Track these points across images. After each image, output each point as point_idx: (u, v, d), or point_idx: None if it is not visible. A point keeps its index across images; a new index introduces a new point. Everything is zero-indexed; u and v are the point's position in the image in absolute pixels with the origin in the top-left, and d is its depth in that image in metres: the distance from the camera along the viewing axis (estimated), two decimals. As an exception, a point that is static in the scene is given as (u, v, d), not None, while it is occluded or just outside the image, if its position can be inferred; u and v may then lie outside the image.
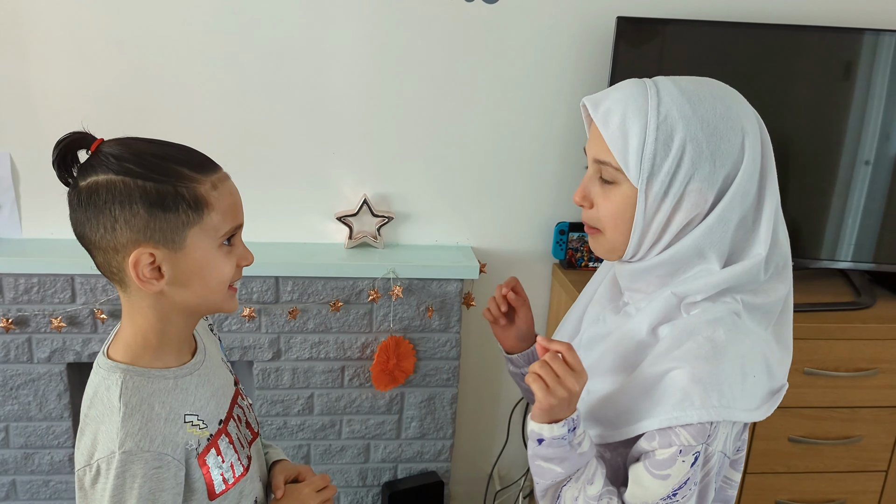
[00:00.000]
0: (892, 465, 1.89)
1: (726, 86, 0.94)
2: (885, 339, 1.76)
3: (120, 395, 0.87)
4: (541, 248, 2.09)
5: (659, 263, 0.93)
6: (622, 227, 0.93)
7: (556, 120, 1.98)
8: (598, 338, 1.02)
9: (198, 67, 1.82)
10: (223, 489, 0.96)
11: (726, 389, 0.87)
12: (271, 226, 1.98)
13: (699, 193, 0.89)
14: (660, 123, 0.88)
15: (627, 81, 0.95)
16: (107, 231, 0.85)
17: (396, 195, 2.00)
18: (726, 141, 0.89)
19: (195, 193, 0.86)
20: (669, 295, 0.93)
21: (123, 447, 0.85)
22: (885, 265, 1.89)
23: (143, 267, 0.86)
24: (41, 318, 1.84)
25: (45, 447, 1.96)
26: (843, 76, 1.77)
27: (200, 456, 0.92)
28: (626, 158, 0.90)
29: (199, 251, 0.88)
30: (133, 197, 0.83)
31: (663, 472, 0.88)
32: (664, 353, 0.90)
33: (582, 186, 0.99)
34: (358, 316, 1.96)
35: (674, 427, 0.87)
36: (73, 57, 1.78)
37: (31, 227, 1.90)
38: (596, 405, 0.95)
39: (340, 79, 1.88)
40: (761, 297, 0.94)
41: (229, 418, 1.00)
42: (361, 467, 2.11)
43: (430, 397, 2.07)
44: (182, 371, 0.94)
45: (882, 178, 1.82)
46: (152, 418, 0.88)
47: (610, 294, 1.06)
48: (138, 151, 0.86)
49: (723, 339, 0.89)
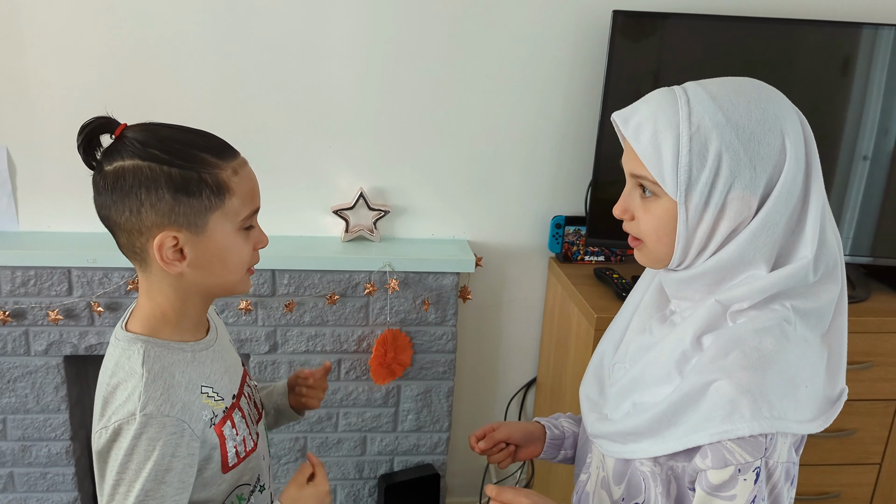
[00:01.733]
0: (886, 458, 1.89)
1: (763, 84, 0.91)
2: (880, 332, 1.76)
3: (143, 362, 0.90)
4: (537, 241, 2.10)
5: (704, 272, 0.91)
6: (665, 238, 0.91)
7: (553, 113, 1.98)
8: (644, 348, 0.99)
9: (194, 61, 1.82)
10: (235, 462, 0.99)
11: (776, 400, 0.84)
12: (268, 219, 1.95)
13: (742, 200, 0.87)
14: (692, 134, 0.86)
15: (656, 92, 0.92)
16: (132, 214, 0.88)
17: (393, 189, 2.00)
18: (765, 145, 0.86)
19: (218, 179, 0.89)
20: (713, 303, 0.90)
21: (145, 409, 0.87)
22: (882, 259, 1.89)
23: (167, 249, 0.89)
24: (38, 311, 1.84)
25: (43, 440, 1.96)
26: (842, 71, 1.77)
27: (217, 426, 0.95)
28: (662, 172, 0.87)
29: (220, 235, 0.91)
30: (159, 182, 0.86)
31: (727, 493, 0.85)
32: (709, 363, 0.87)
33: (622, 199, 0.96)
34: (354, 309, 1.96)
35: (724, 442, 0.84)
36: (70, 50, 1.78)
37: (28, 219, 1.90)
38: (641, 418, 0.92)
39: (336, 72, 1.88)
40: (812, 300, 0.91)
41: (241, 394, 1.03)
42: (358, 460, 2.12)
43: (426, 390, 2.07)
44: (199, 346, 0.97)
45: (880, 172, 1.82)
46: (173, 385, 0.91)
47: (656, 303, 1.04)
48: (163, 137, 0.89)
49: (770, 349, 0.86)
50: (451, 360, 2.06)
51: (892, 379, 1.81)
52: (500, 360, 2.22)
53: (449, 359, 2.05)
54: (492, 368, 2.22)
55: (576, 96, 1.97)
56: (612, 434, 0.97)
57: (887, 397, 1.83)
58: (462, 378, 2.20)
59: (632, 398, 0.96)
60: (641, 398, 0.95)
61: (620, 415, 0.98)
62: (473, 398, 2.24)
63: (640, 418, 0.92)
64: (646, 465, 0.94)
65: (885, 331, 1.77)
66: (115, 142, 0.89)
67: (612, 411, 1.00)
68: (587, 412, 1.05)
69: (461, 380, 2.19)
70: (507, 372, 2.24)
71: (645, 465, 0.94)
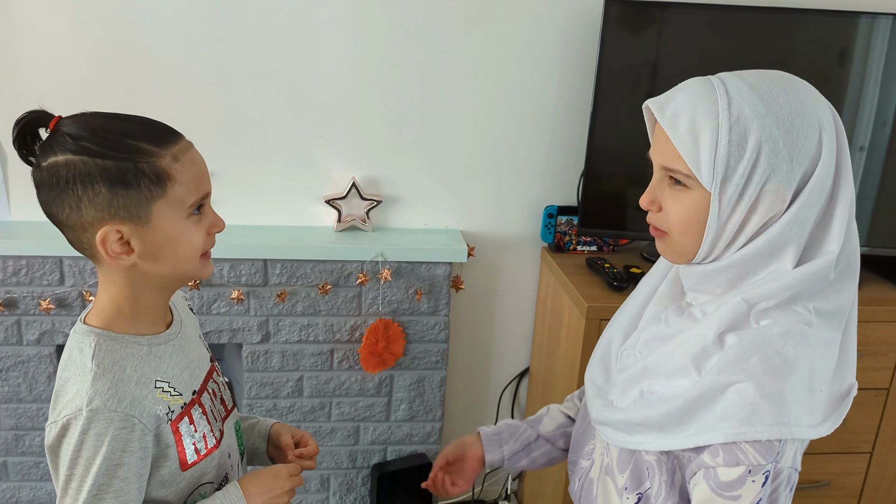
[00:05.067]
0: (876, 447, 1.90)
1: (797, 78, 0.90)
2: (871, 321, 1.77)
3: (93, 356, 0.89)
4: (529, 231, 2.10)
5: (731, 265, 0.90)
6: (694, 230, 0.90)
7: (546, 103, 1.97)
8: (660, 338, 0.97)
9: (184, 48, 1.82)
10: (195, 459, 0.97)
11: (794, 406, 0.84)
12: (259, 209, 1.98)
13: (776, 194, 0.86)
14: (732, 125, 0.84)
15: (692, 81, 0.90)
16: (72, 210, 0.86)
17: (385, 178, 2.00)
18: (803, 137, 0.84)
19: (156, 168, 0.86)
20: (739, 301, 0.88)
21: (91, 405, 0.86)
22: (877, 249, 1.89)
23: (112, 243, 0.87)
24: (30, 301, 1.84)
25: (36, 429, 1.96)
26: (839, 61, 1.77)
27: (173, 422, 0.94)
28: (699, 163, 0.86)
29: (167, 223, 0.89)
30: (93, 176, 0.84)
31: (733, 492, 0.85)
32: (732, 363, 0.86)
33: (649, 190, 0.94)
34: (347, 299, 1.96)
35: (739, 443, 0.84)
36: (59, 37, 1.77)
37: (20, 209, 1.90)
38: (653, 410, 0.91)
39: (328, 61, 1.87)
40: (833, 299, 0.90)
41: (203, 390, 1.01)
42: (351, 449, 2.13)
43: (419, 380, 2.08)
44: (156, 340, 0.95)
45: (877, 163, 1.82)
46: (123, 379, 0.89)
47: (672, 293, 1.02)
48: (95, 129, 0.86)
49: (792, 354, 0.85)
50: (444, 350, 2.06)
51: (883, 368, 1.82)
52: (492, 349, 2.22)
53: (442, 348, 2.06)
54: (484, 358, 2.23)
55: (568, 86, 1.96)
56: (617, 422, 0.97)
57: (878, 386, 1.84)
58: (455, 368, 2.20)
59: (640, 386, 0.95)
60: (651, 387, 0.94)
61: (627, 402, 0.97)
62: (466, 388, 2.25)
63: (650, 410, 0.91)
64: (652, 454, 0.93)
65: (876, 320, 1.77)
66: (50, 136, 0.86)
67: (618, 398, 0.99)
68: (592, 398, 1.04)
69: (454, 369, 2.20)
70: (499, 361, 2.24)
71: (651, 454, 0.93)
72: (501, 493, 2.35)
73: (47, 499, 2.04)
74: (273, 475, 1.02)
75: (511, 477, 2.32)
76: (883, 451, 1.90)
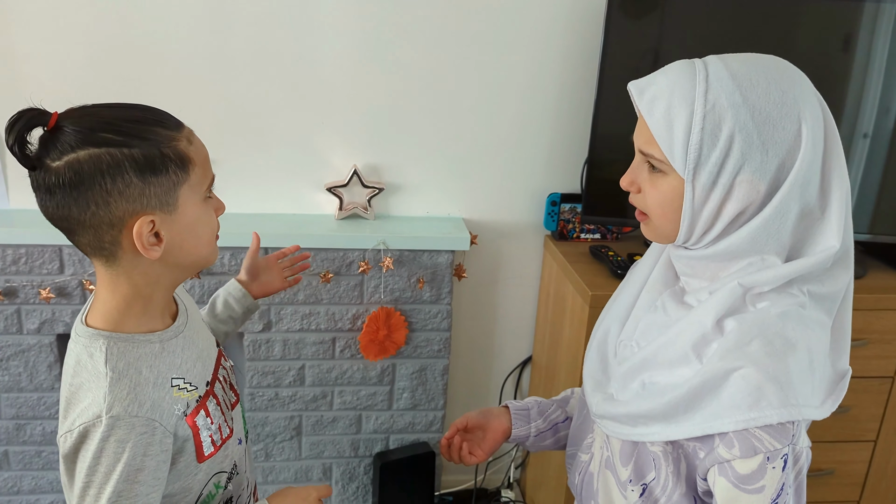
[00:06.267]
0: (881, 435, 1.90)
1: (787, 65, 0.88)
2: (875, 309, 1.76)
3: (106, 361, 0.86)
4: (532, 219, 2.08)
5: (714, 255, 0.90)
6: (670, 215, 0.90)
7: (549, 90, 1.96)
8: (657, 327, 0.97)
9: (183, 36, 1.80)
10: (212, 451, 0.96)
11: (799, 386, 0.83)
12: (260, 197, 1.97)
13: (750, 184, 0.85)
14: (707, 112, 0.83)
15: (676, 64, 0.89)
16: (98, 207, 0.82)
17: (387, 166, 1.98)
18: (780, 129, 0.83)
19: (178, 151, 0.85)
20: (735, 286, 0.88)
21: (111, 412, 0.83)
22: (880, 236, 1.88)
23: (146, 235, 0.85)
24: (30, 290, 1.83)
25: (37, 418, 1.96)
26: (843, 47, 1.75)
27: (189, 416, 0.92)
28: (672, 149, 0.86)
29: (191, 208, 0.88)
30: (122, 167, 0.81)
31: (756, 484, 0.84)
32: (733, 348, 0.85)
33: (630, 171, 0.94)
34: (349, 287, 1.95)
35: (751, 430, 0.83)
36: (56, 23, 1.75)
37: (18, 197, 1.89)
38: (655, 401, 0.90)
39: (330, 47, 1.85)
40: (827, 285, 0.90)
41: (215, 379, 1.00)
42: (353, 438, 2.12)
43: (421, 368, 2.07)
44: (167, 334, 0.93)
45: (880, 150, 1.80)
46: (140, 383, 0.87)
47: (665, 278, 1.02)
48: (110, 119, 0.82)
49: (792, 335, 0.85)
50: (447, 339, 2.05)
51: (888, 356, 1.81)
52: (495, 338, 2.21)
53: (444, 337, 2.05)
54: (487, 347, 2.22)
55: (572, 73, 1.94)
56: (619, 416, 0.95)
57: (882, 374, 1.83)
58: (457, 356, 2.19)
59: (641, 378, 0.94)
60: (652, 378, 0.93)
61: (629, 395, 0.95)
62: (468, 376, 2.24)
63: (653, 401, 0.90)
64: (657, 445, 0.92)
65: (881, 308, 1.76)
66: (53, 134, 0.81)
67: (619, 391, 0.97)
68: (591, 392, 1.03)
69: (456, 358, 2.19)
70: (502, 350, 2.23)
71: (656, 445, 0.92)
72: (504, 481, 2.34)
73: (49, 488, 2.04)
74: (303, 497, 1.00)
75: (514, 465, 2.32)
76: (887, 440, 1.90)
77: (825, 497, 1.95)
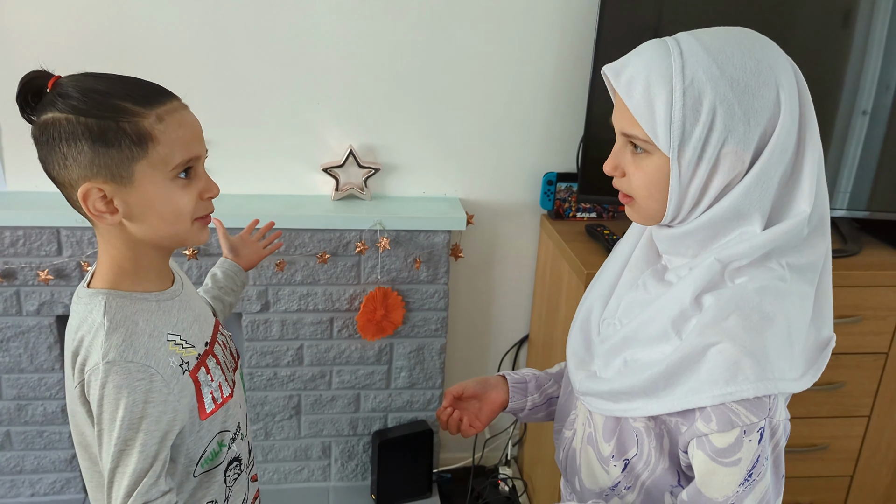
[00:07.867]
0: (874, 411, 1.91)
1: (756, 34, 0.89)
2: (870, 285, 1.76)
3: (104, 313, 0.90)
4: (529, 198, 2.09)
5: (698, 227, 0.90)
6: (657, 195, 0.90)
7: (544, 69, 1.95)
8: (639, 304, 0.97)
9: (178, 12, 1.79)
10: (213, 409, 0.99)
11: (776, 360, 0.84)
12: (256, 177, 1.97)
13: (735, 155, 0.85)
14: (686, 88, 0.83)
15: (648, 44, 0.90)
16: (61, 168, 0.88)
17: (383, 146, 1.98)
18: (759, 98, 0.84)
19: (138, 128, 0.87)
20: (713, 262, 0.88)
21: (107, 358, 0.87)
22: (878, 213, 1.88)
23: (94, 201, 0.88)
24: (28, 271, 1.84)
25: (38, 398, 1.98)
26: (843, 23, 1.74)
27: (192, 373, 0.96)
28: (655, 128, 0.86)
29: (150, 185, 0.89)
30: (76, 134, 0.85)
31: (733, 457, 0.85)
32: (711, 323, 0.86)
33: (612, 156, 0.94)
34: (346, 268, 1.96)
35: (728, 403, 0.84)
36: (50, 1, 1.75)
37: (16, 179, 1.89)
38: (636, 377, 0.91)
39: (325, 26, 1.85)
40: (806, 254, 0.91)
41: (213, 342, 1.03)
42: (352, 417, 2.14)
43: (418, 348, 2.08)
44: (163, 296, 0.97)
45: (879, 127, 1.80)
46: (136, 332, 0.91)
47: (646, 257, 1.02)
48: (85, 89, 0.87)
49: (769, 309, 0.85)
50: (444, 318, 2.06)
51: (881, 332, 1.82)
52: (492, 317, 2.23)
53: (441, 316, 2.06)
54: (484, 325, 2.23)
55: (567, 51, 1.94)
56: (602, 392, 0.96)
57: (876, 350, 1.84)
58: (454, 335, 2.21)
59: (623, 355, 0.95)
60: (634, 356, 0.94)
61: (611, 373, 0.96)
62: (466, 355, 2.25)
63: (634, 378, 0.91)
64: (639, 421, 0.93)
65: (875, 284, 1.77)
66: (47, 95, 0.89)
67: (602, 369, 0.99)
68: (574, 369, 1.04)
69: (453, 337, 2.20)
70: (499, 329, 2.25)
71: (639, 421, 0.93)
72: (501, 459, 2.37)
73: (51, 467, 2.06)
74: None
75: (511, 443, 2.34)
76: (881, 415, 1.91)
77: (819, 472, 1.97)
